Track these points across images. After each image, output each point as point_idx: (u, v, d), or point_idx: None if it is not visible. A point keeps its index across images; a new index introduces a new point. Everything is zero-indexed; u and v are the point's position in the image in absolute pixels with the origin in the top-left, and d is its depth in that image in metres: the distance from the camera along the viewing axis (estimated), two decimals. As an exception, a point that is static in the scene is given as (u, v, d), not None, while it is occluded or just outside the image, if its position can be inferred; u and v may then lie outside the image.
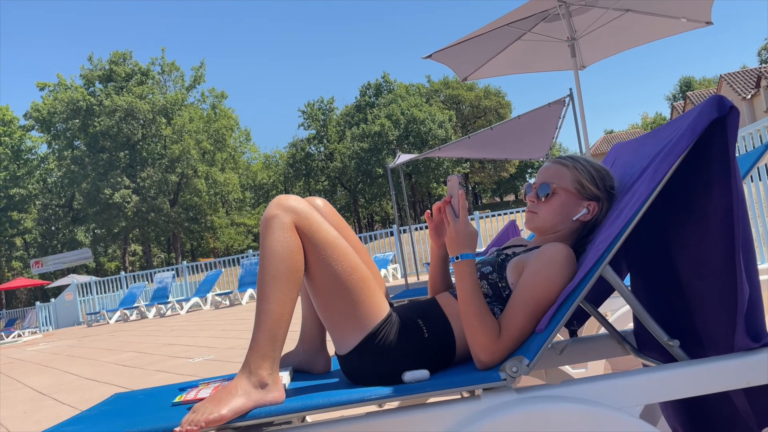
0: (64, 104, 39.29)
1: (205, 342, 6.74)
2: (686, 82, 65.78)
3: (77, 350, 8.56)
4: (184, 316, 13.03)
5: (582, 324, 1.89)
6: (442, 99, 54.35)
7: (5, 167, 41.95)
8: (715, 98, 1.22)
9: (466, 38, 5.81)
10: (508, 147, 8.88)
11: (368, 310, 1.38)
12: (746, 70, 33.35)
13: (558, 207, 1.51)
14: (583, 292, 1.24)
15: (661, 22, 5.85)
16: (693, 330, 1.39)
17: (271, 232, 1.35)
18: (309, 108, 53.61)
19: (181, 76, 44.21)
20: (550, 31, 6.06)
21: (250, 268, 14.36)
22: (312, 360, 1.62)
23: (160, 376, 4.71)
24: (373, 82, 52.97)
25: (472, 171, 54.08)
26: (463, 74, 6.66)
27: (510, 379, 1.20)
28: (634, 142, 1.66)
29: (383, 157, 44.96)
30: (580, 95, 5.93)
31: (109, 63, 41.96)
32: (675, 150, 1.25)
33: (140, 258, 48.21)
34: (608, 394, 1.21)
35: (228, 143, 45.36)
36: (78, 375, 5.66)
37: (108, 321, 15.29)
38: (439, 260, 1.64)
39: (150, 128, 40.14)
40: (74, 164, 39.77)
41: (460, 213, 1.38)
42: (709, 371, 1.21)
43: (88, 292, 18.94)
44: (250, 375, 1.27)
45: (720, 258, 1.24)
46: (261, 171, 53.70)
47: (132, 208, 38.36)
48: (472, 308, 1.32)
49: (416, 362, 1.36)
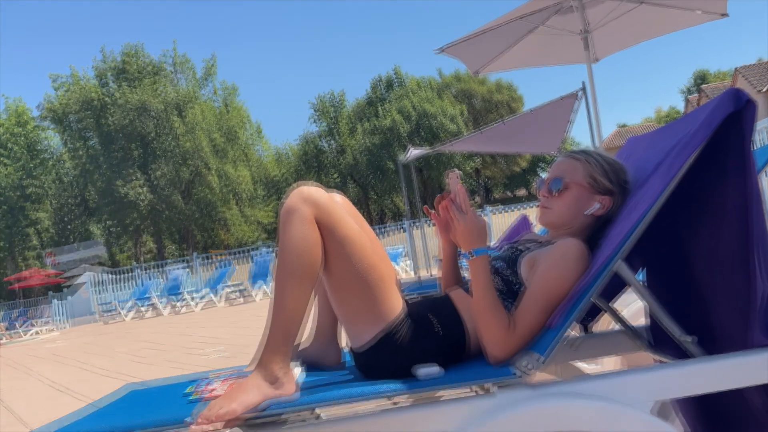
0: (78, 101, 39.58)
1: (219, 337, 6.78)
2: (701, 75, 64.99)
3: (94, 347, 8.65)
4: (198, 312, 13.12)
5: (596, 319, 1.88)
6: (454, 93, 54.05)
7: (22, 166, 42.33)
8: (732, 91, 1.21)
9: (478, 32, 5.77)
10: (520, 141, 8.83)
11: (385, 308, 1.37)
12: (762, 63, 32.84)
13: (571, 201, 1.50)
14: (597, 288, 1.23)
15: (676, 14, 5.78)
16: (707, 326, 1.37)
17: (291, 225, 1.32)
18: (319, 102, 53.50)
19: (192, 69, 44.37)
20: (563, 24, 6.01)
21: (262, 263, 14.49)
22: (324, 353, 1.61)
23: (175, 369, 4.74)
24: (384, 76, 52.80)
25: (484, 165, 53.84)
26: (474, 68, 6.62)
27: (523, 375, 1.20)
28: (648, 136, 1.65)
29: (394, 152, 44.84)
30: (593, 89, 5.88)
31: (121, 55, 42.20)
32: (690, 144, 1.23)
33: (153, 251, 48.54)
34: (622, 390, 1.20)
35: (240, 138, 45.49)
36: (92, 371, 5.71)
37: (124, 318, 15.29)
38: (449, 257, 1.63)
39: (163, 124, 40.34)
40: (88, 160, 40.09)
41: (464, 208, 1.37)
42: (724, 368, 1.20)
43: (102, 286, 19.09)
44: (262, 370, 1.27)
45: (735, 253, 1.23)
46: (273, 166, 53.78)
47: (145, 203, 38.61)
48: (485, 303, 1.31)
49: (428, 357, 1.35)
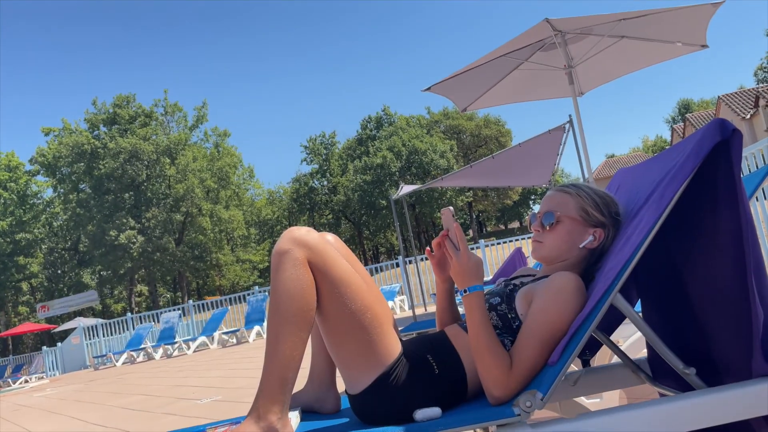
0: (69, 148, 39.72)
1: (213, 382, 6.66)
2: (685, 104, 66.24)
3: (85, 395, 8.47)
4: (191, 356, 12.91)
5: (594, 353, 1.86)
6: (443, 129, 54.74)
7: (11, 212, 42.23)
8: (717, 122, 1.22)
9: (465, 69, 5.87)
10: (510, 175, 8.89)
11: (381, 350, 1.35)
12: (744, 91, 33.50)
13: (564, 235, 1.50)
14: (595, 322, 1.22)
15: (656, 47, 5.90)
16: (708, 356, 1.36)
17: (284, 268, 1.31)
18: (311, 143, 54.07)
19: (183, 116, 44.77)
20: (547, 59, 6.12)
21: (257, 305, 14.29)
22: (322, 398, 1.58)
23: (169, 419, 4.64)
24: (374, 115, 53.52)
25: (476, 199, 54.13)
26: (462, 105, 6.72)
27: (524, 414, 1.17)
28: (638, 167, 1.66)
29: (386, 189, 45.12)
30: (580, 121, 5.95)
31: (113, 106, 42.52)
32: (680, 174, 1.24)
33: (146, 298, 48.08)
34: (626, 426, 1.18)
35: (232, 180, 45.66)
36: (86, 421, 5.58)
37: (115, 364, 15.17)
38: (445, 293, 1.62)
39: (154, 169, 40.47)
40: (79, 207, 40.02)
41: (459, 245, 1.37)
42: (729, 399, 1.18)
43: (95, 335, 18.82)
44: (258, 420, 1.24)
45: (731, 281, 1.22)
46: (265, 207, 53.90)
47: (137, 248, 38.40)
48: (482, 341, 1.30)
49: (428, 400, 1.33)
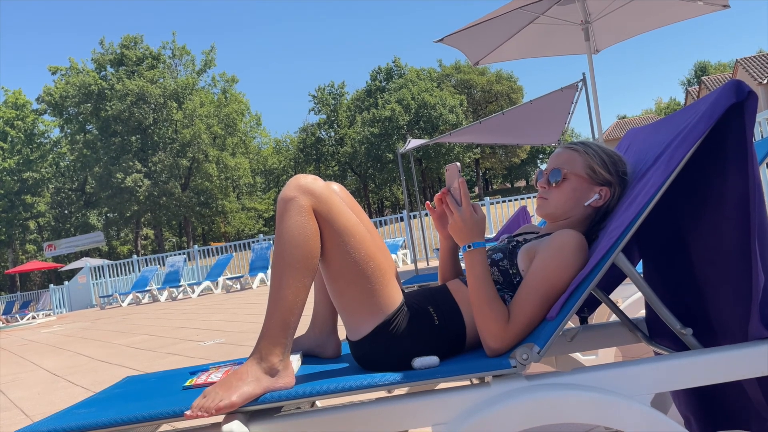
0: (76, 88, 39.42)
1: (216, 325, 6.79)
2: (701, 66, 64.84)
3: (91, 332, 8.66)
4: (195, 299, 13.13)
5: (593, 311, 1.88)
6: (454, 83, 53.97)
7: (18, 151, 42.29)
8: (733, 83, 1.20)
9: (479, 21, 5.74)
10: (520, 132, 8.82)
11: (383, 299, 1.36)
12: (763, 55, 32.75)
13: (569, 192, 1.49)
14: (595, 280, 1.22)
15: (677, 5, 5.75)
16: (706, 318, 1.37)
17: (288, 216, 1.32)
18: (319, 93, 53.50)
19: (191, 60, 44.20)
20: (564, 14, 5.98)
21: (261, 253, 14.42)
22: (323, 344, 1.61)
23: (172, 358, 4.75)
24: (384, 67, 52.71)
25: (483, 156, 53.82)
26: (475, 58, 6.60)
27: (520, 366, 1.20)
28: (648, 127, 1.64)
29: (394, 143, 44.84)
30: (594, 80, 5.86)
31: (120, 47, 41.97)
32: (691, 136, 1.23)
33: (152, 242, 48.62)
34: (620, 382, 1.20)
35: (239, 128, 45.42)
36: (91, 357, 5.73)
37: (121, 304, 15.46)
38: (448, 250, 1.62)
39: (161, 113, 40.23)
40: (86, 148, 40.02)
41: (462, 201, 1.35)
42: (722, 360, 1.20)
43: (101, 275, 19.12)
44: (260, 361, 1.26)
45: (735, 245, 1.22)
46: (271, 156, 53.76)
47: (144, 192, 38.57)
48: (482, 295, 1.31)
49: (426, 349, 1.36)
